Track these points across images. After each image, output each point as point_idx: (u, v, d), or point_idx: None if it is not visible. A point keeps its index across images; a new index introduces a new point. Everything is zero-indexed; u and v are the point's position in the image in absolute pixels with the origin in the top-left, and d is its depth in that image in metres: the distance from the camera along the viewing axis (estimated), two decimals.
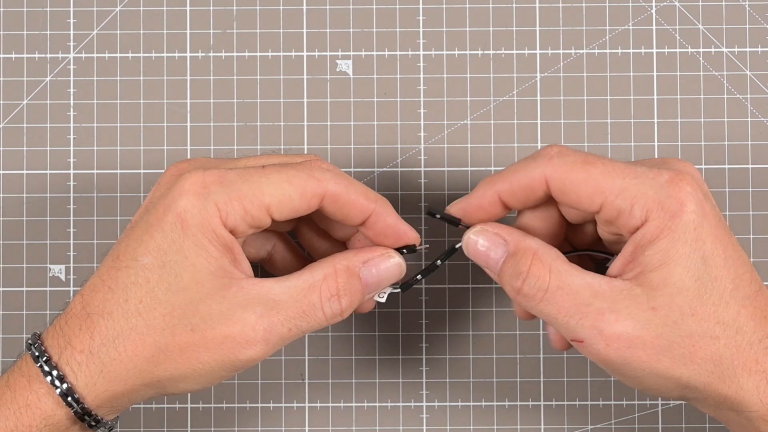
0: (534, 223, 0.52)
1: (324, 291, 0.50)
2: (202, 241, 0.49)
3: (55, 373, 0.48)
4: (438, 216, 0.52)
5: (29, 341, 0.50)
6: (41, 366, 0.49)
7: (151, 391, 0.50)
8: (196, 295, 0.49)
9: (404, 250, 0.52)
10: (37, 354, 0.49)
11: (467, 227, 0.52)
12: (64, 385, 0.48)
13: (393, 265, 0.52)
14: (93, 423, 0.49)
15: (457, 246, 0.53)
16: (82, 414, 0.49)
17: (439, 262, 0.54)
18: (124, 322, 0.49)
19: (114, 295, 0.49)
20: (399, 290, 0.53)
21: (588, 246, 0.54)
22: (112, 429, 0.51)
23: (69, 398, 0.48)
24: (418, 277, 0.54)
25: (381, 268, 0.52)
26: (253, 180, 0.49)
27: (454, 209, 0.52)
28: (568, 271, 0.49)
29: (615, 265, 0.50)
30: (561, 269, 0.49)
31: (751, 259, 0.61)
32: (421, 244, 0.53)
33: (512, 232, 0.51)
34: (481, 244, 0.51)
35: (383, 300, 0.53)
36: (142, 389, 0.50)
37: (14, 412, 0.48)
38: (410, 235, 0.52)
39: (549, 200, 0.51)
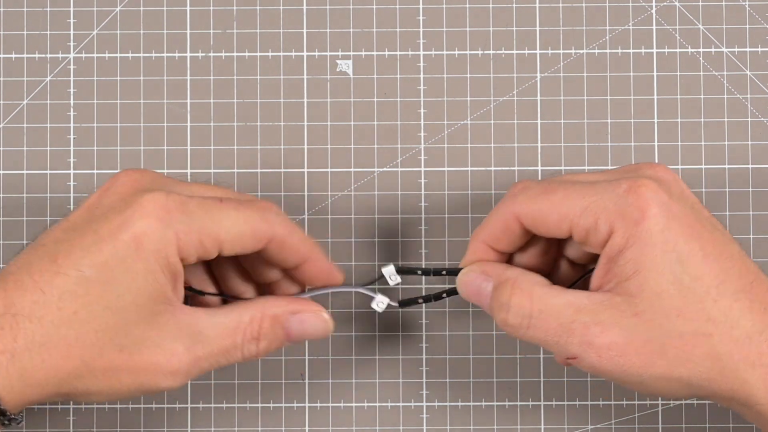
0: (524, 260, 0.53)
1: (247, 333, 0.51)
2: (153, 266, 0.48)
3: None
4: (444, 273, 0.54)
5: None
6: None
7: (61, 398, 0.50)
8: (133, 317, 0.48)
9: (376, 283, 0.55)
10: None
11: None
12: None
13: (320, 324, 0.53)
14: (6, 422, 0.48)
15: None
16: None
17: (445, 295, 0.54)
18: (54, 330, 0.47)
19: (46, 300, 0.47)
20: (397, 306, 0.55)
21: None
22: (20, 422, 0.50)
23: None
24: (420, 301, 0.55)
25: (307, 324, 0.52)
26: (213, 213, 0.49)
27: (460, 265, 0.54)
28: (548, 293, 0.50)
29: (594, 280, 0.50)
30: (542, 293, 0.50)
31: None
32: (380, 278, 0.54)
33: (496, 266, 0.52)
34: (470, 283, 0.53)
35: (380, 310, 0.55)
36: (55, 396, 0.49)
37: None
38: (338, 277, 0.54)
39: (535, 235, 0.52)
